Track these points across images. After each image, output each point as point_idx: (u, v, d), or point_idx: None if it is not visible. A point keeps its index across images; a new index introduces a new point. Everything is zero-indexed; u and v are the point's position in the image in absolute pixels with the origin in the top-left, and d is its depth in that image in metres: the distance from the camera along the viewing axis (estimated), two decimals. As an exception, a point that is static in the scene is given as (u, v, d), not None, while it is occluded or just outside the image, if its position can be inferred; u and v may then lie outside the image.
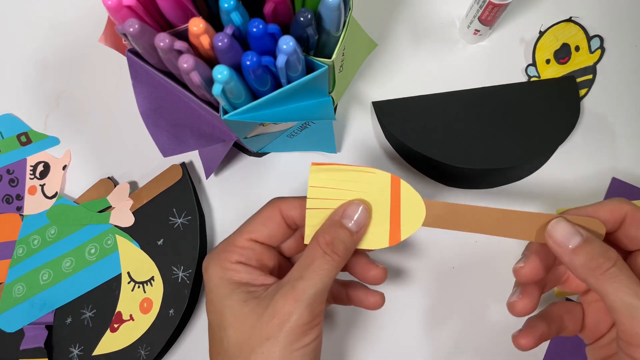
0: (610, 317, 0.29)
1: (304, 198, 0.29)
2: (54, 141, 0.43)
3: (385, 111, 0.40)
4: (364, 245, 0.29)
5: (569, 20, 0.41)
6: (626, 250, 0.29)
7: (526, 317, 0.31)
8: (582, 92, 0.41)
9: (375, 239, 0.28)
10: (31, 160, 0.43)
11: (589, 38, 0.41)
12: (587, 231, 0.27)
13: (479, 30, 0.40)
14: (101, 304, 0.40)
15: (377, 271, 0.31)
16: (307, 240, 0.29)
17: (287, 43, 0.25)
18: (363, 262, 0.32)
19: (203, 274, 0.30)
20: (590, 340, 0.31)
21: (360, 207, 0.28)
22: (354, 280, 0.33)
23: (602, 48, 0.41)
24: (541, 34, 0.41)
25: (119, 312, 0.39)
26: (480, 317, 0.39)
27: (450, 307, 0.40)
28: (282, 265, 0.32)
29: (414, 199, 0.28)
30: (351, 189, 0.28)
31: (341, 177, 0.29)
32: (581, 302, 0.32)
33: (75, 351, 0.39)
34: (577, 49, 0.41)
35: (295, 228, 0.31)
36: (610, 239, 0.29)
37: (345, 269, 0.32)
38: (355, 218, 0.28)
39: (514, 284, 0.31)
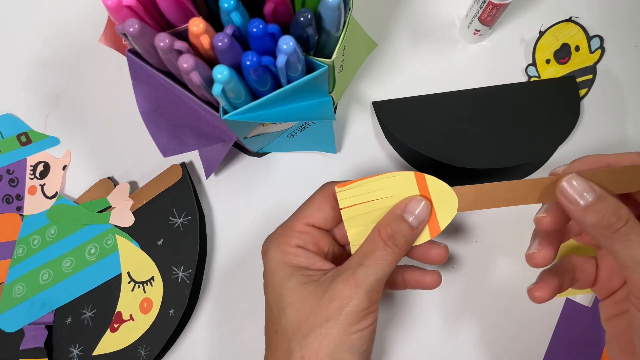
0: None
1: (353, 181, 0.30)
2: (54, 141, 0.43)
3: (385, 111, 0.40)
4: None
5: (569, 20, 0.41)
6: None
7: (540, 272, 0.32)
8: (582, 92, 0.41)
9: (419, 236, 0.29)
10: (31, 160, 0.43)
11: (589, 38, 0.41)
12: (600, 188, 0.27)
13: (479, 30, 0.40)
14: (101, 304, 0.40)
15: (439, 250, 0.32)
16: (354, 250, 0.29)
17: (287, 43, 0.25)
18: (417, 272, 0.33)
19: (262, 257, 0.31)
20: (603, 295, 0.32)
21: (422, 203, 0.29)
22: (408, 265, 0.34)
23: (602, 48, 0.41)
24: (541, 34, 0.41)
25: (119, 312, 0.39)
26: (480, 317, 0.39)
27: (450, 307, 0.40)
28: (335, 252, 0.33)
29: (443, 189, 0.29)
30: (380, 197, 0.29)
31: (367, 189, 0.29)
32: (596, 256, 0.32)
33: (75, 351, 0.39)
34: (577, 49, 0.41)
35: None
36: (625, 195, 0.29)
37: (399, 286, 0.34)
38: (416, 213, 0.29)
39: (532, 237, 0.32)
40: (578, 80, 0.41)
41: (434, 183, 0.29)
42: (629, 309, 0.27)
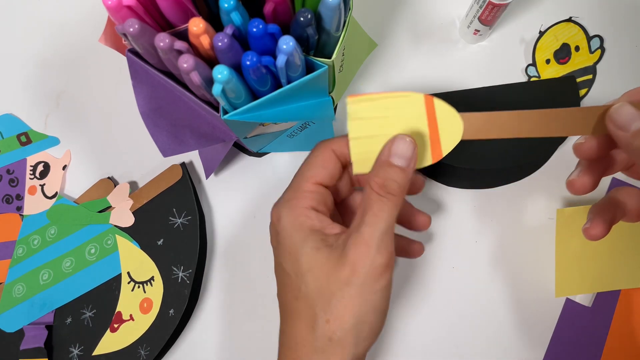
0: None
1: (366, 94, 0.29)
2: (54, 141, 0.43)
3: None
4: None
5: (569, 20, 0.41)
6: None
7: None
8: (582, 92, 0.41)
9: (420, 157, 0.29)
10: (31, 160, 0.43)
11: (589, 38, 0.41)
12: None
13: (479, 30, 0.40)
14: (101, 304, 0.40)
15: (424, 217, 0.34)
16: (355, 170, 0.29)
17: (287, 43, 0.25)
18: (409, 210, 0.34)
19: (275, 222, 0.30)
20: None
21: (405, 141, 0.28)
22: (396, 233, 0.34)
23: (602, 48, 0.41)
24: (541, 34, 0.41)
25: (119, 312, 0.39)
26: (480, 316, 0.39)
27: (449, 307, 0.40)
28: (334, 209, 0.33)
29: (449, 114, 0.28)
30: (389, 115, 0.28)
31: (378, 105, 0.28)
32: None
33: (75, 351, 0.39)
34: (577, 49, 0.41)
35: (346, 165, 0.33)
36: None
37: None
38: (401, 153, 0.28)
39: (576, 165, 0.32)
40: (578, 80, 0.41)
41: (441, 107, 0.28)
42: None
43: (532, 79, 0.41)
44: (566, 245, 0.38)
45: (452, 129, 0.29)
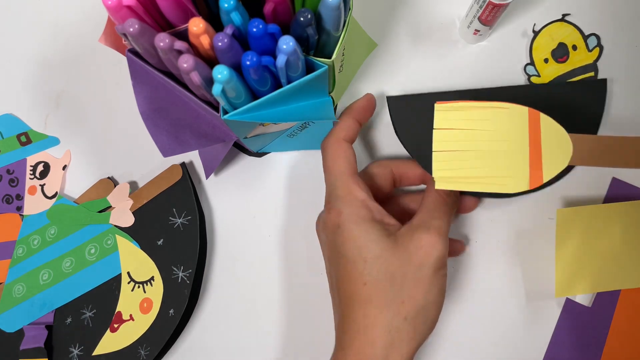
0: None
1: (457, 101, 0.30)
2: (54, 141, 0.43)
3: (399, 107, 0.36)
4: (501, 188, 0.27)
5: (562, 19, 0.42)
6: None
7: None
8: (584, 90, 0.41)
9: (513, 181, 0.26)
10: (31, 160, 0.43)
11: (585, 37, 0.41)
12: None
13: (479, 30, 0.40)
14: (101, 304, 0.40)
15: (472, 200, 0.38)
16: (438, 186, 0.29)
17: (287, 43, 0.25)
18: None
19: (335, 218, 0.32)
20: None
21: None
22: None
23: (600, 46, 0.41)
24: (535, 33, 0.42)
25: (119, 312, 0.39)
26: (479, 317, 0.39)
27: (449, 307, 0.40)
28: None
29: (557, 133, 0.25)
30: (483, 128, 0.26)
31: (470, 115, 0.26)
32: None
33: (75, 351, 0.39)
34: (574, 47, 0.41)
35: (397, 186, 0.38)
36: None
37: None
38: None
39: None
40: (579, 78, 0.41)
41: (548, 125, 0.25)
42: None
43: (532, 78, 0.41)
44: (566, 245, 0.38)
45: (558, 152, 0.25)
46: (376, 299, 0.30)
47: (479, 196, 0.39)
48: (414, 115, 0.37)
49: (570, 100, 0.34)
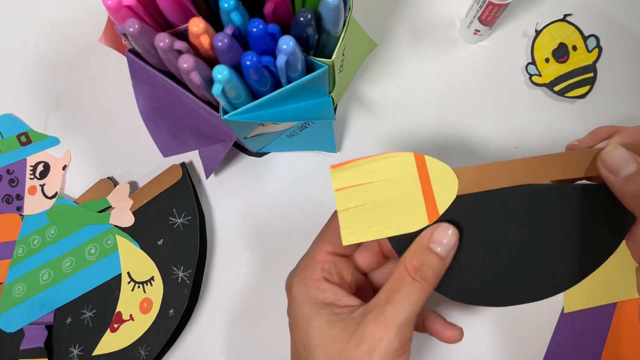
0: None
1: (349, 161, 0.28)
2: (54, 141, 0.43)
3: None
4: (404, 229, 0.27)
5: (563, 20, 0.42)
6: None
7: None
8: (585, 89, 0.41)
9: (414, 221, 0.27)
10: (31, 160, 0.43)
11: (585, 38, 0.41)
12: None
13: (479, 30, 0.40)
14: (101, 304, 0.40)
15: (454, 332, 0.31)
16: (344, 242, 0.27)
17: (287, 43, 0.25)
18: (439, 323, 0.32)
19: (287, 293, 0.30)
20: None
21: (450, 230, 0.27)
22: (431, 309, 0.33)
23: (599, 47, 0.41)
24: (537, 33, 0.42)
25: (119, 312, 0.39)
26: (479, 317, 0.39)
27: (448, 308, 0.40)
28: (358, 281, 0.32)
29: (442, 170, 0.27)
30: (377, 179, 0.27)
31: (363, 170, 0.27)
32: None
33: (75, 351, 0.39)
34: (574, 48, 0.41)
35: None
36: None
37: (419, 329, 0.32)
38: (444, 242, 0.27)
39: None
40: (579, 78, 0.41)
41: (433, 164, 0.27)
42: None
43: (534, 78, 0.41)
44: None
45: (446, 186, 0.27)
46: None
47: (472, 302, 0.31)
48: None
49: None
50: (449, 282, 0.28)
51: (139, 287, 0.39)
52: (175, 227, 0.40)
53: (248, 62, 0.25)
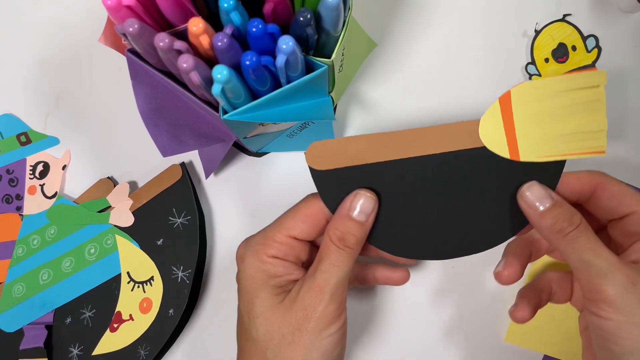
0: None
1: None
2: (54, 141, 0.43)
3: (328, 185, 0.30)
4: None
5: (563, 20, 0.42)
6: (600, 221, 0.31)
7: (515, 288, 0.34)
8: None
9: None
10: (31, 160, 0.43)
11: (584, 38, 0.41)
12: (558, 195, 0.28)
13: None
14: (101, 303, 0.40)
15: (401, 273, 0.35)
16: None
17: (286, 43, 0.25)
18: (387, 270, 0.35)
19: (238, 262, 0.31)
20: (580, 307, 0.33)
21: (366, 196, 0.29)
22: (376, 261, 0.36)
23: (598, 47, 0.41)
24: (537, 33, 0.42)
25: (119, 312, 0.39)
26: (479, 318, 0.39)
27: (448, 308, 0.40)
28: (314, 256, 0.33)
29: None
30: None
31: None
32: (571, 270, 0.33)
33: (75, 351, 0.39)
34: (574, 48, 0.41)
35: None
36: (584, 210, 0.30)
37: (371, 282, 0.36)
38: (362, 208, 0.29)
39: (502, 255, 0.33)
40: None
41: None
42: (584, 313, 0.28)
43: (534, 77, 0.41)
44: None
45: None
46: (255, 358, 0.29)
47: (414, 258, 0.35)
48: (346, 191, 0.31)
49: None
50: (386, 238, 0.31)
51: (138, 287, 0.39)
52: (175, 227, 0.40)
53: (248, 62, 0.25)
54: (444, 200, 0.30)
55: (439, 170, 0.30)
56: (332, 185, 0.30)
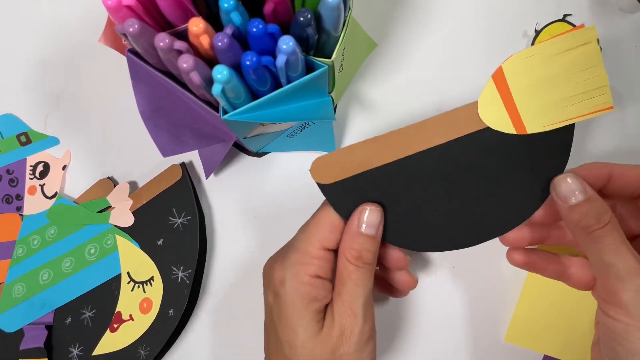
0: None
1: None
2: (54, 141, 0.43)
3: (340, 197, 0.30)
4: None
5: (563, 20, 0.42)
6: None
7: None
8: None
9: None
10: (31, 160, 0.43)
11: (586, 38, 0.41)
12: (592, 189, 0.27)
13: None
14: (101, 304, 0.40)
15: (409, 279, 0.34)
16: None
17: (286, 43, 0.25)
18: (401, 274, 0.34)
19: (276, 284, 0.30)
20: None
21: (372, 210, 0.29)
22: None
23: (599, 47, 0.41)
24: (537, 33, 0.42)
25: (119, 312, 0.39)
26: (479, 317, 0.39)
27: (447, 309, 0.40)
28: None
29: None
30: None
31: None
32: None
33: (75, 351, 0.39)
34: (575, 48, 0.41)
35: None
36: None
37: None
38: (370, 222, 0.29)
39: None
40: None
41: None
42: (597, 311, 0.28)
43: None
44: (532, 295, 0.38)
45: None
46: None
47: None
48: (358, 199, 0.31)
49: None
50: (404, 235, 0.31)
51: (138, 287, 0.39)
52: (175, 227, 0.40)
53: (248, 62, 0.25)
54: (456, 188, 0.30)
55: (446, 159, 0.29)
56: (343, 196, 0.30)
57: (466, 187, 0.30)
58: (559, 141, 0.28)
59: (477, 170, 0.29)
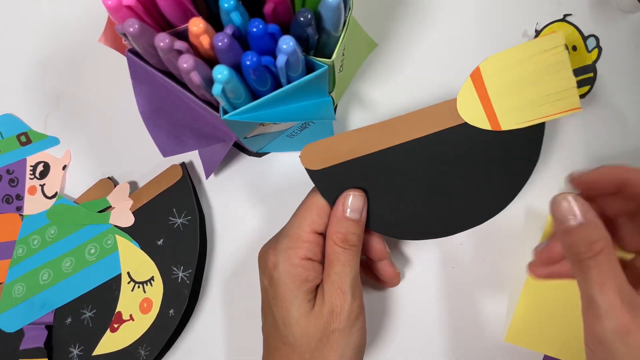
0: None
1: None
2: (54, 141, 0.43)
3: (327, 183, 0.32)
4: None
5: (563, 20, 0.42)
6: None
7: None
8: (585, 89, 0.41)
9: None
10: (31, 160, 0.43)
11: (584, 38, 0.41)
12: (592, 214, 0.27)
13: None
14: (101, 304, 0.40)
15: (390, 269, 0.36)
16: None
17: (287, 43, 0.25)
18: (383, 265, 0.36)
19: (270, 268, 0.32)
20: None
21: (355, 195, 0.32)
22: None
23: (598, 47, 0.41)
24: (537, 33, 0.42)
25: (119, 312, 0.39)
26: (479, 317, 0.39)
27: (447, 309, 0.40)
28: None
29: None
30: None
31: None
32: None
33: (75, 351, 0.39)
34: (574, 48, 0.41)
35: None
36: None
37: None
38: (354, 207, 0.31)
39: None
40: (578, 78, 0.41)
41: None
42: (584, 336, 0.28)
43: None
44: (532, 295, 0.38)
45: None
46: (292, 359, 0.31)
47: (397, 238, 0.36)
48: (344, 185, 0.33)
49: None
50: (388, 223, 0.33)
51: (138, 287, 0.39)
52: (175, 227, 0.40)
53: (248, 62, 0.25)
54: (435, 179, 0.32)
55: (427, 151, 0.31)
56: (330, 182, 0.32)
57: (444, 179, 0.32)
58: (531, 138, 0.30)
59: (455, 162, 0.31)
